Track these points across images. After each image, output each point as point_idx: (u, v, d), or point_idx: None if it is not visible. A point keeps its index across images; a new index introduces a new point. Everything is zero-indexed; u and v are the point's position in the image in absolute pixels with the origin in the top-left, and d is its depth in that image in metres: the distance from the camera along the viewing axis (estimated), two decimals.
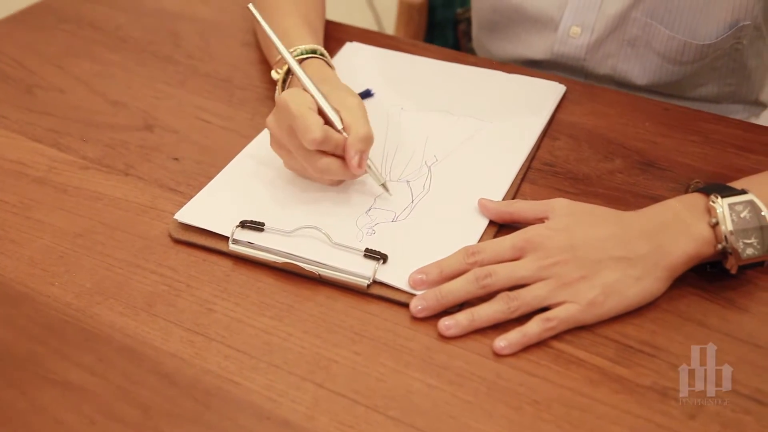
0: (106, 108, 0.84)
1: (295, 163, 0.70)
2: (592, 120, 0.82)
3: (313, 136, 0.64)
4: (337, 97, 0.69)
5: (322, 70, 0.76)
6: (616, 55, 0.89)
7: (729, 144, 0.78)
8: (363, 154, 0.67)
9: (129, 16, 1.00)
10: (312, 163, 0.67)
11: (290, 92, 0.67)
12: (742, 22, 0.83)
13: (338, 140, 0.66)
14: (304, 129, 0.64)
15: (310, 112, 0.65)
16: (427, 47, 0.95)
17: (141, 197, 0.72)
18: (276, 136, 0.69)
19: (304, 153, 0.67)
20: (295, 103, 0.65)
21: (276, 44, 0.71)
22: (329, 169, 0.67)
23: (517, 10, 0.92)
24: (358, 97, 0.70)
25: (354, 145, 0.66)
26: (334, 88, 0.71)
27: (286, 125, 0.67)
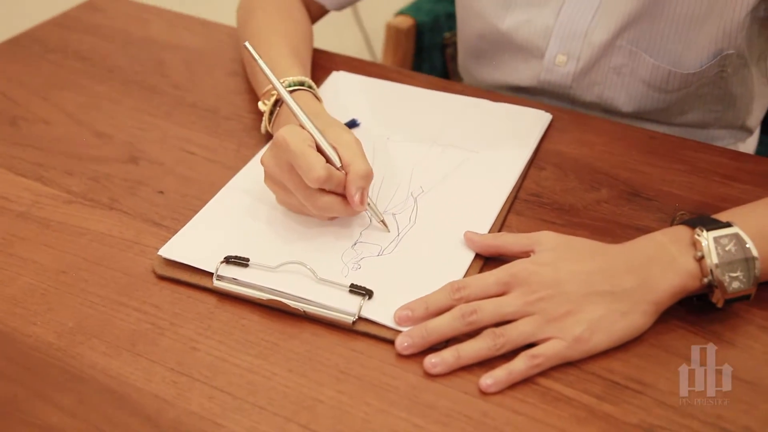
0: (91, 140, 0.84)
1: (291, 199, 0.69)
2: (578, 149, 0.82)
3: (317, 175, 0.64)
4: (333, 134, 0.69)
5: (310, 103, 0.76)
6: (602, 82, 0.90)
7: (714, 172, 0.78)
8: (364, 191, 0.67)
9: (115, 45, 1.00)
10: (312, 201, 0.67)
11: (288, 130, 0.67)
12: (726, 51, 0.83)
13: (339, 178, 0.66)
14: (308, 168, 0.64)
15: (312, 151, 0.65)
16: (413, 75, 0.95)
17: (125, 232, 0.72)
18: (272, 173, 0.68)
19: (304, 191, 0.66)
20: (294, 141, 0.65)
21: (272, 81, 0.71)
22: (330, 207, 0.67)
23: (503, 38, 0.92)
24: (352, 134, 0.70)
25: (355, 182, 0.66)
26: (327, 124, 0.71)
27: (285, 163, 0.66)
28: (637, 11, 0.83)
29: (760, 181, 0.77)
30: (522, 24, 0.90)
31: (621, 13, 0.84)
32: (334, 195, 0.67)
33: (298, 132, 0.67)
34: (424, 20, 1.32)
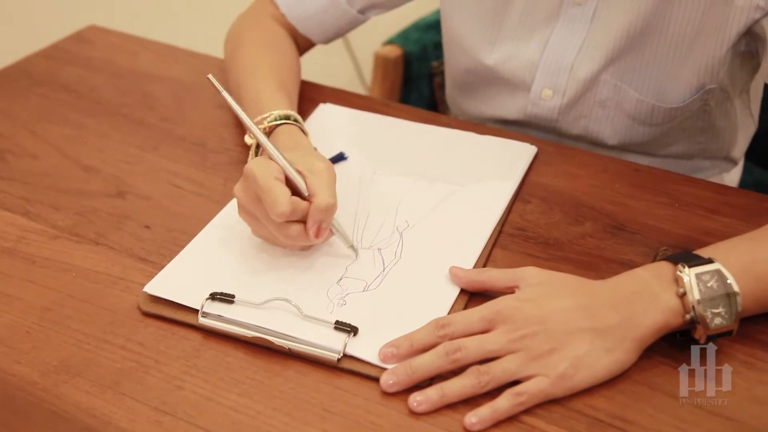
0: (79, 174, 0.84)
1: (263, 230, 0.70)
2: (563, 182, 0.83)
3: (281, 210, 0.64)
4: (305, 164, 0.69)
5: (295, 136, 0.76)
6: (587, 116, 0.91)
7: (698, 206, 0.79)
8: (322, 224, 0.67)
9: (103, 77, 1.01)
10: (282, 231, 0.67)
11: (257, 162, 0.67)
12: (709, 86, 0.84)
13: (305, 209, 0.67)
14: (272, 202, 0.65)
15: (278, 184, 0.66)
16: (400, 107, 0.96)
17: (111, 268, 0.72)
18: (244, 205, 0.69)
19: (274, 222, 0.67)
20: (262, 175, 0.66)
21: (236, 110, 0.71)
22: (299, 237, 0.68)
23: (490, 72, 0.93)
24: (327, 162, 0.70)
25: (314, 215, 0.67)
26: (303, 155, 0.71)
27: (254, 195, 0.67)
28: (621, 47, 0.84)
29: (742, 214, 0.78)
30: (508, 59, 0.91)
31: (605, 48, 0.85)
32: (303, 224, 0.67)
33: (267, 165, 0.67)
34: (412, 49, 1.33)
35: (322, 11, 0.96)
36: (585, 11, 0.85)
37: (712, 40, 0.81)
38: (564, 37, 0.87)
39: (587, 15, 0.85)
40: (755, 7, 0.76)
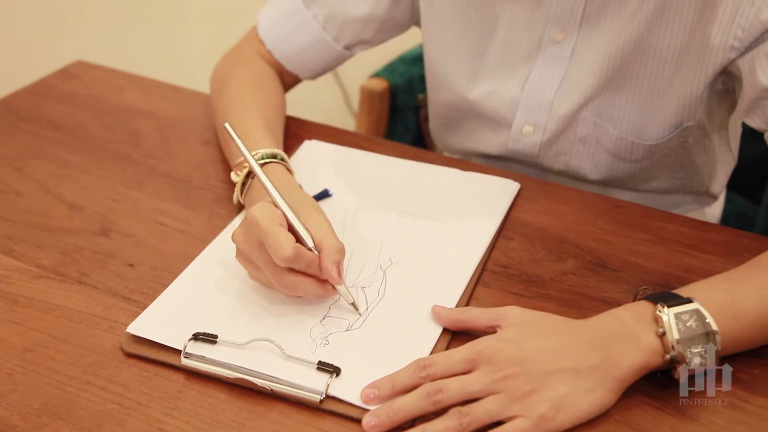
0: (63, 212, 0.84)
1: (261, 276, 0.70)
2: (545, 218, 0.83)
3: (285, 254, 0.64)
4: (304, 212, 0.70)
5: (282, 176, 0.77)
6: (568, 152, 0.92)
7: (679, 242, 0.80)
8: (339, 265, 0.68)
9: (90, 113, 1.01)
10: (280, 280, 0.67)
11: (260, 207, 0.68)
12: (687, 123, 0.86)
13: (310, 258, 0.67)
14: (276, 247, 0.65)
15: (282, 230, 0.66)
16: (384, 143, 0.97)
17: (94, 307, 0.72)
18: (243, 250, 0.69)
19: (273, 269, 0.67)
20: (265, 219, 0.66)
21: (248, 159, 0.72)
22: (296, 287, 0.68)
23: (472, 108, 0.94)
24: (322, 212, 0.71)
25: (330, 256, 0.67)
26: (299, 201, 0.72)
27: (255, 240, 0.67)
28: (599, 85, 0.86)
29: (722, 251, 0.78)
30: (489, 95, 0.92)
31: (584, 86, 0.86)
32: (302, 275, 0.68)
33: (270, 210, 0.68)
34: (398, 83, 1.34)
35: (309, 48, 0.97)
36: (564, 49, 0.86)
37: (689, 80, 0.82)
38: (544, 75, 0.88)
39: (566, 53, 0.86)
40: (730, 48, 0.78)
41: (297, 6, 0.95)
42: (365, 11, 0.93)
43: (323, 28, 0.95)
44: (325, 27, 0.95)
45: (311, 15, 0.95)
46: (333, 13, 0.94)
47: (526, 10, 0.86)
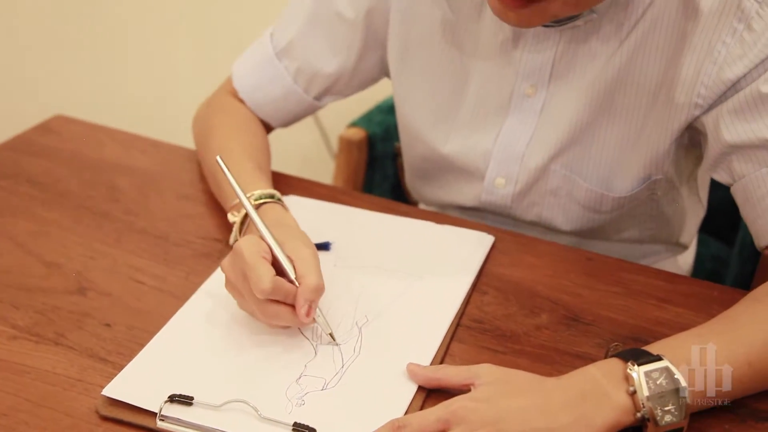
0: (40, 270, 0.84)
1: (247, 306, 0.73)
2: (519, 271, 0.85)
3: (263, 287, 0.68)
4: (293, 247, 0.73)
5: (281, 215, 0.81)
6: (540, 204, 0.93)
7: (650, 295, 0.81)
8: (312, 304, 0.70)
9: (68, 169, 1.02)
10: (262, 309, 0.71)
11: (247, 239, 0.71)
12: (655, 177, 0.88)
13: (289, 290, 0.70)
14: (256, 279, 0.68)
15: (263, 262, 0.69)
16: (361, 196, 0.99)
17: (70, 369, 0.72)
18: (230, 279, 0.73)
19: (255, 299, 0.70)
20: (249, 252, 0.70)
21: (239, 195, 0.75)
22: (278, 316, 0.71)
23: (445, 161, 0.96)
24: (312, 247, 0.74)
25: (304, 294, 0.70)
26: (290, 236, 0.75)
27: (240, 270, 0.71)
28: (568, 138, 0.88)
29: (692, 303, 0.80)
30: (462, 148, 0.94)
31: (554, 139, 0.88)
32: (284, 305, 0.71)
33: (256, 243, 0.71)
34: (376, 131, 1.36)
35: (281, 98, 0.99)
36: (534, 103, 0.88)
37: (656, 135, 0.84)
38: (515, 128, 0.90)
39: (536, 107, 0.88)
40: (694, 105, 0.80)
41: (269, 58, 0.98)
42: (334, 67, 0.96)
43: (294, 80, 0.98)
44: (296, 79, 0.98)
45: (283, 67, 0.97)
46: (303, 66, 0.96)
47: (496, 66, 0.88)
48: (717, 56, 0.77)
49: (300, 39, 0.95)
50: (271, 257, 0.71)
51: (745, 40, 0.75)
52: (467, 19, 0.88)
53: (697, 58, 0.78)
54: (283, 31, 0.97)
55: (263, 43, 0.99)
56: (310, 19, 0.94)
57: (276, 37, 0.98)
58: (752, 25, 0.75)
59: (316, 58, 0.96)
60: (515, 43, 0.86)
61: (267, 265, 0.69)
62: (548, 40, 0.84)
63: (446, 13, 0.89)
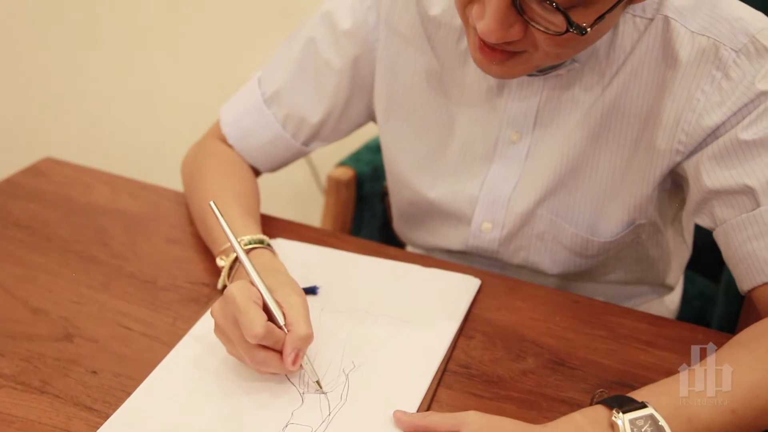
0: (26, 316, 0.84)
1: (236, 351, 0.73)
2: (505, 315, 0.85)
3: (255, 332, 0.68)
4: (283, 293, 0.73)
5: (270, 260, 0.82)
6: (526, 248, 0.94)
7: (635, 339, 0.82)
8: (299, 352, 0.71)
9: (57, 212, 1.02)
10: (251, 356, 0.71)
11: (238, 285, 0.72)
12: (639, 221, 0.89)
13: (279, 336, 0.70)
14: (248, 324, 0.68)
15: (255, 308, 0.70)
16: (348, 239, 0.99)
17: (55, 418, 0.71)
18: (220, 324, 0.73)
19: (245, 345, 0.70)
20: (241, 297, 0.70)
21: (232, 241, 0.76)
22: (266, 363, 0.71)
23: (432, 206, 0.97)
24: (302, 295, 0.75)
25: (293, 342, 0.70)
26: (280, 283, 0.75)
27: (230, 316, 0.71)
28: (554, 183, 0.89)
29: (677, 347, 0.81)
30: (449, 194, 0.95)
31: (539, 185, 0.89)
32: (273, 352, 0.71)
33: (247, 288, 0.71)
34: (364, 170, 1.37)
35: (269, 144, 1.00)
36: (519, 150, 0.90)
37: (639, 181, 0.85)
38: (501, 174, 0.92)
39: (521, 154, 0.90)
40: (675, 151, 0.81)
41: (258, 105, 0.99)
42: (321, 114, 0.97)
43: (282, 126, 0.99)
44: (285, 125, 0.99)
45: (271, 114, 0.98)
46: (291, 113, 0.98)
47: (481, 113, 0.90)
48: (696, 104, 0.78)
49: (288, 86, 0.97)
50: (262, 303, 0.72)
51: (724, 88, 0.77)
52: (452, 68, 0.90)
53: (677, 106, 0.80)
54: (271, 78, 0.98)
55: (251, 88, 1.00)
56: (298, 66, 0.96)
57: (264, 84, 0.99)
58: (730, 74, 0.77)
59: (304, 105, 0.97)
60: (500, 90, 0.87)
61: (259, 310, 0.70)
62: (532, 87, 0.86)
63: (432, 61, 0.91)
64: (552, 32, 0.67)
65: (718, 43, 0.77)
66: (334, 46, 0.94)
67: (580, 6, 0.66)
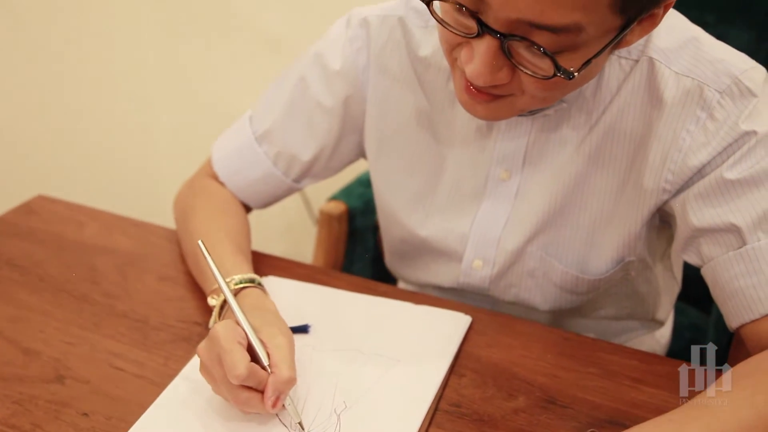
0: (18, 358, 0.84)
1: (221, 391, 0.73)
2: (496, 352, 0.86)
3: (237, 373, 0.68)
4: (269, 333, 0.74)
5: (260, 300, 0.82)
6: (517, 285, 0.95)
7: (626, 376, 0.82)
8: (280, 396, 0.71)
9: (49, 251, 1.02)
10: (234, 396, 0.71)
11: (223, 325, 0.72)
12: (628, 258, 0.90)
13: (262, 377, 0.71)
14: (231, 365, 0.69)
15: (239, 348, 0.70)
16: (341, 276, 0.99)
17: None
18: (205, 364, 0.73)
19: (228, 385, 0.70)
20: (225, 337, 0.71)
21: (220, 282, 0.77)
22: (249, 403, 0.71)
23: (423, 243, 0.98)
24: (288, 336, 0.75)
25: (274, 384, 0.70)
26: (267, 323, 0.76)
27: (215, 355, 0.71)
28: (544, 221, 0.90)
29: (667, 384, 0.81)
30: (440, 231, 0.96)
31: (529, 222, 0.90)
32: (256, 392, 0.71)
33: (232, 328, 0.72)
34: (356, 205, 1.38)
35: (260, 181, 1.01)
36: (509, 188, 0.91)
37: (627, 218, 0.86)
38: (491, 212, 0.92)
39: (511, 191, 0.91)
40: (662, 190, 0.82)
41: (249, 143, 1.00)
42: (312, 152, 0.99)
43: (274, 164, 1.00)
44: (276, 163, 1.00)
45: (262, 152, 0.99)
46: (282, 151, 0.99)
47: (471, 151, 0.91)
48: (682, 144, 0.80)
49: (279, 125, 0.98)
50: (247, 343, 0.72)
51: (708, 129, 0.78)
52: (442, 107, 0.91)
53: (663, 145, 0.81)
54: (263, 117, 0.99)
55: (242, 126, 1.01)
56: (289, 105, 0.97)
57: (255, 122, 1.00)
58: (714, 114, 0.78)
59: (295, 143, 0.98)
60: (489, 130, 0.88)
61: (243, 351, 0.70)
62: (521, 127, 0.87)
63: (422, 101, 0.92)
64: (539, 76, 0.68)
65: (703, 84, 0.78)
66: (325, 86, 0.95)
67: (567, 51, 0.67)
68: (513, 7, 0.63)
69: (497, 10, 0.64)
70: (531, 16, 0.63)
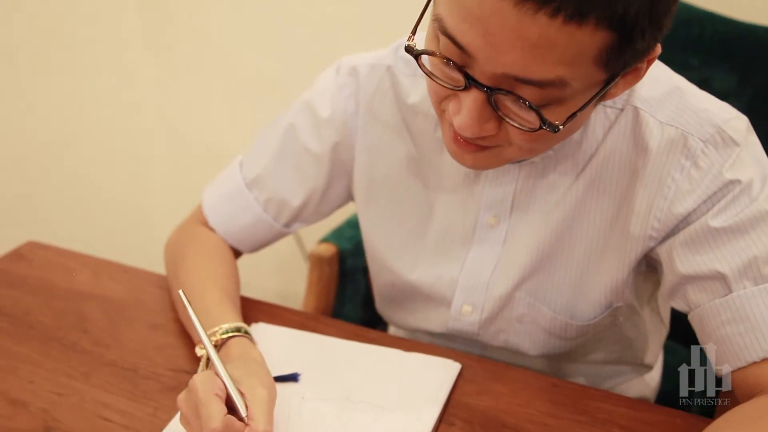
0: (5, 410, 0.83)
1: None
2: (486, 400, 0.85)
3: (213, 426, 0.69)
4: (249, 384, 0.74)
5: (246, 349, 0.82)
6: (506, 330, 0.95)
7: (614, 423, 0.82)
8: None
9: (39, 298, 1.02)
10: None
11: (202, 376, 0.72)
12: (616, 304, 0.90)
13: (238, 430, 0.70)
14: (207, 417, 0.69)
15: (216, 400, 0.70)
16: (331, 323, 1.00)
17: None
18: (184, 414, 0.73)
19: None
20: (203, 389, 0.71)
21: (200, 333, 0.76)
22: None
23: (412, 288, 0.98)
24: (269, 388, 0.75)
25: None
26: (250, 373, 0.75)
27: (193, 406, 0.71)
28: (531, 267, 0.90)
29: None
30: (429, 277, 0.96)
31: (518, 268, 0.91)
32: None
33: (211, 380, 0.72)
34: (346, 246, 1.39)
35: (250, 226, 1.02)
36: (497, 233, 0.91)
37: (614, 264, 0.87)
38: (480, 257, 0.93)
39: (500, 237, 0.91)
40: (648, 237, 0.83)
41: (240, 189, 1.01)
42: (302, 198, 1.00)
43: (264, 209, 1.00)
44: (266, 209, 1.00)
45: (252, 197, 1.00)
46: (272, 196, 1.00)
47: (459, 198, 0.92)
48: (667, 191, 0.81)
49: (269, 171, 0.98)
50: (226, 394, 0.72)
51: (693, 177, 0.79)
52: (430, 155, 0.92)
53: (649, 193, 0.82)
54: (253, 162, 1.00)
55: (233, 172, 1.02)
56: (279, 152, 0.98)
57: (246, 168, 1.01)
58: (698, 163, 0.79)
59: (284, 189, 0.99)
60: (477, 177, 0.89)
61: (219, 404, 0.70)
62: (508, 174, 0.88)
63: (410, 148, 0.93)
64: (525, 129, 0.69)
65: (687, 134, 0.79)
66: (314, 133, 0.96)
67: (552, 104, 0.68)
68: (499, 62, 0.64)
69: (483, 65, 0.66)
70: (516, 71, 0.64)
